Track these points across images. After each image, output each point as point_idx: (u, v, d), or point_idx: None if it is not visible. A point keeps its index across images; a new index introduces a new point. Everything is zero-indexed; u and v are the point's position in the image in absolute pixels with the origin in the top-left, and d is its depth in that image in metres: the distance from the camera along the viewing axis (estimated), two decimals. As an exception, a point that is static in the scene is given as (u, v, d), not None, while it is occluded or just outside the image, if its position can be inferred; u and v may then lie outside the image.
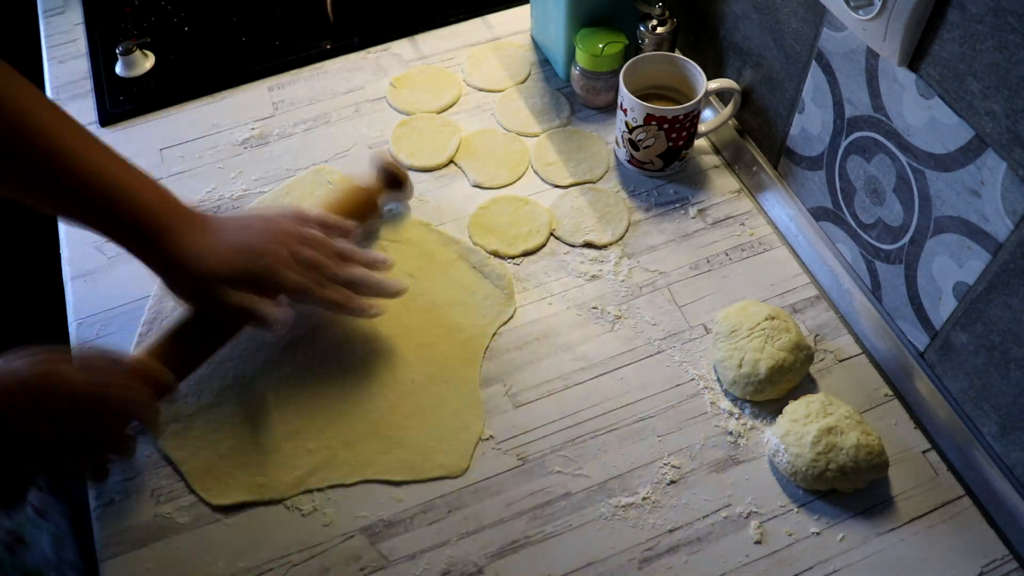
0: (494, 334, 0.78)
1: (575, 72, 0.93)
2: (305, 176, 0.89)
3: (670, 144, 0.84)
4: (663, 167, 0.87)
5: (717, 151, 0.91)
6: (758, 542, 0.66)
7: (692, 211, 0.86)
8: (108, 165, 0.66)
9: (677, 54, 0.86)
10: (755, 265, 0.82)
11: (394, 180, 0.83)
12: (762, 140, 0.87)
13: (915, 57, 0.61)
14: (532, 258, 0.83)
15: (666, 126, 0.82)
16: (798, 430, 0.67)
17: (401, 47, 1.02)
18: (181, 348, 0.71)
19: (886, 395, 0.73)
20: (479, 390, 0.74)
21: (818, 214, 0.81)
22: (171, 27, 1.04)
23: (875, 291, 0.76)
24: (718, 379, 0.74)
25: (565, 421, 0.73)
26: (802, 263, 0.82)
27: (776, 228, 0.85)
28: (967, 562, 0.65)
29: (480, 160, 0.90)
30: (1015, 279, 0.59)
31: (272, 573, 0.66)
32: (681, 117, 0.82)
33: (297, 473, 0.70)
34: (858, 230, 0.75)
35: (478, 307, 0.79)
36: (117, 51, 0.98)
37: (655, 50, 0.89)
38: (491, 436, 0.72)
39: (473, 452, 0.71)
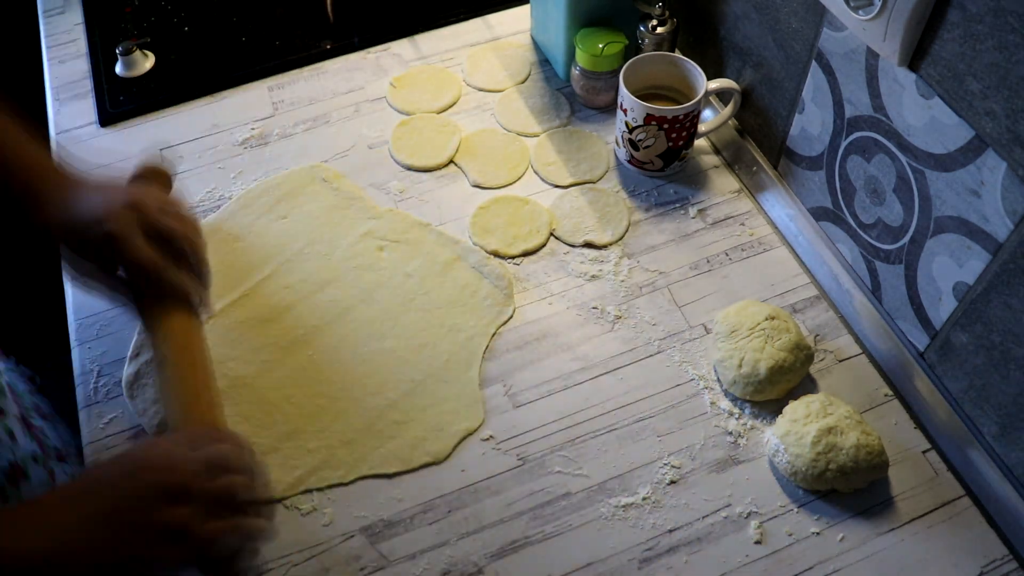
0: (494, 334, 0.78)
1: (575, 72, 0.93)
2: (299, 170, 0.89)
3: (670, 144, 0.84)
4: (663, 167, 0.87)
5: (717, 151, 0.91)
6: (758, 542, 0.66)
7: (692, 211, 0.86)
8: None
9: (677, 54, 0.86)
10: (755, 265, 0.82)
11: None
12: (762, 140, 0.87)
13: (915, 57, 0.61)
14: (532, 258, 0.83)
15: (666, 126, 0.82)
16: (798, 430, 0.67)
17: (401, 47, 1.02)
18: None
19: (886, 395, 0.73)
20: (479, 390, 0.74)
21: (818, 214, 0.81)
22: (171, 27, 1.04)
23: (875, 291, 0.76)
24: (718, 379, 0.74)
25: (565, 421, 0.73)
26: (802, 263, 0.82)
27: (776, 228, 0.85)
28: (967, 562, 0.65)
29: (480, 160, 0.90)
30: (1015, 279, 0.59)
31: (272, 573, 0.66)
32: (681, 117, 0.82)
33: (297, 473, 0.70)
34: (858, 230, 0.75)
35: (478, 307, 0.79)
36: (117, 51, 0.98)
37: (655, 50, 0.89)
38: (491, 436, 0.72)
39: (461, 441, 0.72)
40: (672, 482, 0.69)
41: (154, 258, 0.65)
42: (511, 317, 0.79)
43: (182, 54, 1.01)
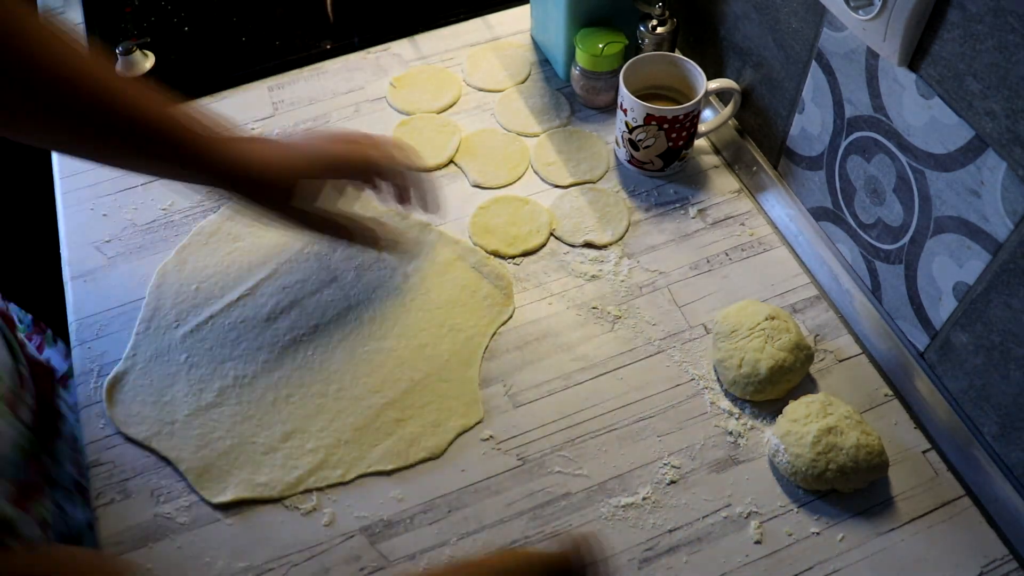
0: (494, 334, 0.78)
1: (575, 72, 0.93)
2: None
3: (670, 144, 0.84)
4: (663, 167, 0.87)
5: (717, 151, 0.91)
6: (758, 542, 0.66)
7: (692, 211, 0.86)
8: (139, 93, 0.64)
9: (677, 54, 0.86)
10: (755, 265, 0.82)
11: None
12: (762, 140, 0.87)
13: (915, 57, 0.61)
14: (532, 258, 0.83)
15: (666, 126, 0.82)
16: (798, 430, 0.67)
17: (401, 47, 1.02)
18: None
19: (886, 395, 0.73)
20: (478, 390, 0.74)
21: (818, 214, 0.81)
22: (171, 27, 1.04)
23: (875, 291, 0.76)
24: (718, 379, 0.74)
25: (565, 421, 0.73)
26: (802, 263, 0.82)
27: (776, 228, 0.85)
28: (967, 562, 0.65)
29: (480, 160, 0.90)
30: (1015, 279, 0.59)
31: (272, 573, 0.66)
32: (681, 117, 0.82)
33: (297, 473, 0.70)
34: (858, 230, 0.75)
35: (478, 307, 0.79)
36: (117, 51, 0.98)
37: (655, 50, 0.89)
38: (491, 436, 0.72)
39: (457, 437, 0.72)
40: (672, 482, 0.69)
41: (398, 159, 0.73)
42: (511, 317, 0.79)
43: (182, 54, 1.01)
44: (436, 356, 0.76)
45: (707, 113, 0.92)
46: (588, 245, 0.84)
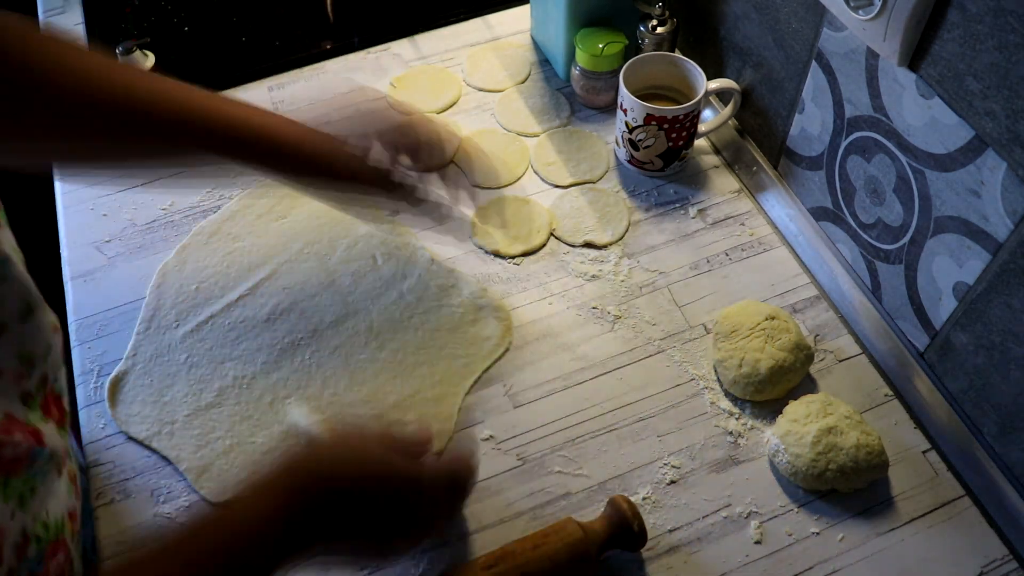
0: (488, 368, 0.76)
1: (575, 72, 0.93)
2: None
3: (670, 144, 0.84)
4: (663, 167, 0.87)
5: (717, 151, 0.91)
6: (758, 542, 0.66)
7: (692, 211, 0.86)
8: (150, 80, 0.69)
9: (677, 54, 0.86)
10: (755, 265, 0.82)
11: (624, 526, 0.63)
12: (762, 140, 0.87)
13: (915, 57, 0.61)
14: (532, 258, 0.83)
15: (666, 126, 0.82)
16: (798, 430, 0.67)
17: (401, 47, 1.02)
18: None
19: (886, 395, 0.73)
20: (453, 424, 0.73)
21: (818, 214, 0.81)
22: (171, 27, 1.04)
23: (875, 291, 0.76)
24: (718, 379, 0.74)
25: (565, 421, 0.73)
26: (802, 263, 0.82)
27: (776, 228, 0.85)
28: (967, 562, 0.65)
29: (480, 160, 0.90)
30: (1015, 279, 0.59)
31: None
32: (681, 117, 0.82)
33: (297, 473, 0.70)
34: (858, 230, 0.75)
35: (476, 337, 0.77)
36: (117, 51, 0.98)
37: (655, 50, 0.89)
38: (491, 436, 0.72)
39: (451, 438, 0.72)
40: (672, 482, 0.69)
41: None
42: (507, 350, 0.77)
43: (182, 54, 1.02)
44: (429, 376, 0.75)
45: (707, 113, 0.92)
46: (588, 245, 0.84)
